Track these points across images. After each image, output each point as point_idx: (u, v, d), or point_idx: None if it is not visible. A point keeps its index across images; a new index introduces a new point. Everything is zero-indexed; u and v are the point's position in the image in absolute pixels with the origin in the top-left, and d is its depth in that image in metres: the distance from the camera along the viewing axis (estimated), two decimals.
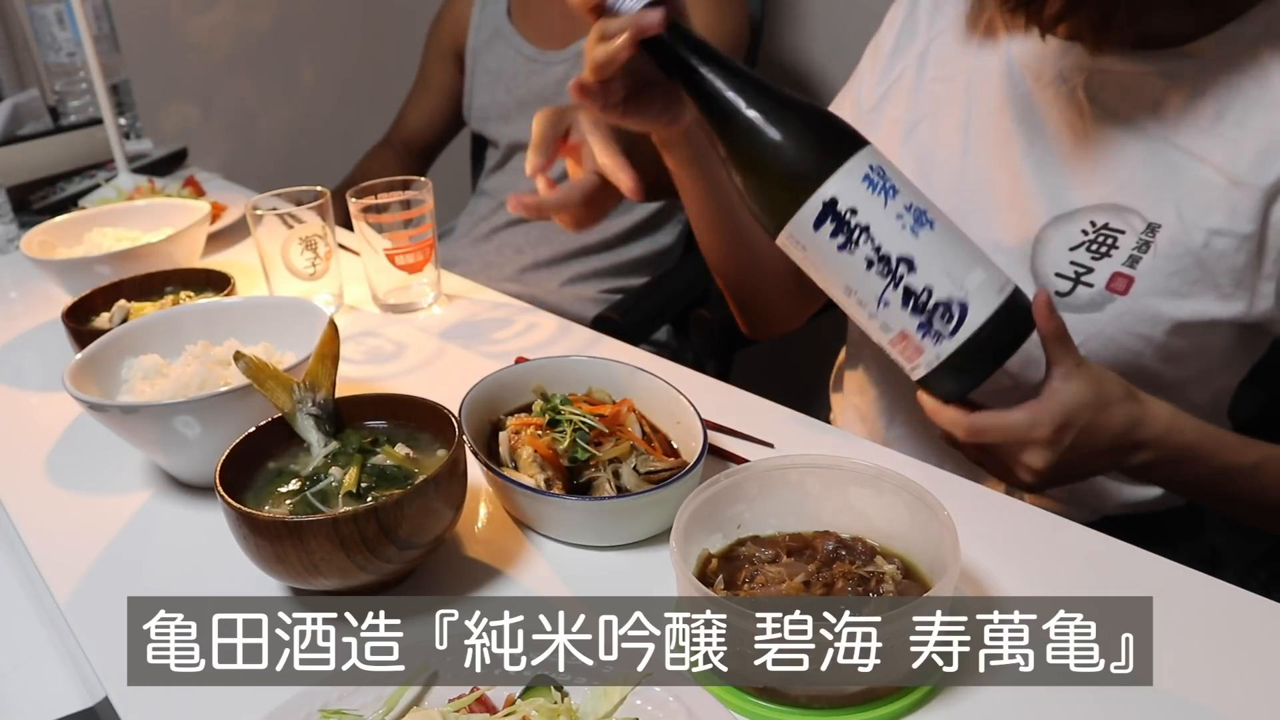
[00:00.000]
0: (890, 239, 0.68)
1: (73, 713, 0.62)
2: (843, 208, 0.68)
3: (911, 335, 0.70)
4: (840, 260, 0.69)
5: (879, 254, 0.68)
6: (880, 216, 0.68)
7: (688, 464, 0.70)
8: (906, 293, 0.68)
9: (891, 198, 0.68)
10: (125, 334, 0.87)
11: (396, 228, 1.08)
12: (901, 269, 0.68)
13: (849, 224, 0.68)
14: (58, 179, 1.60)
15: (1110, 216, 0.80)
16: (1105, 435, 0.73)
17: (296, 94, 2.39)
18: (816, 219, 0.69)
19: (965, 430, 0.73)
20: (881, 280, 0.69)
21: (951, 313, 0.68)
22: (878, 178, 0.68)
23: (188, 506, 0.78)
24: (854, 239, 0.68)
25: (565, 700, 0.53)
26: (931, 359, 0.70)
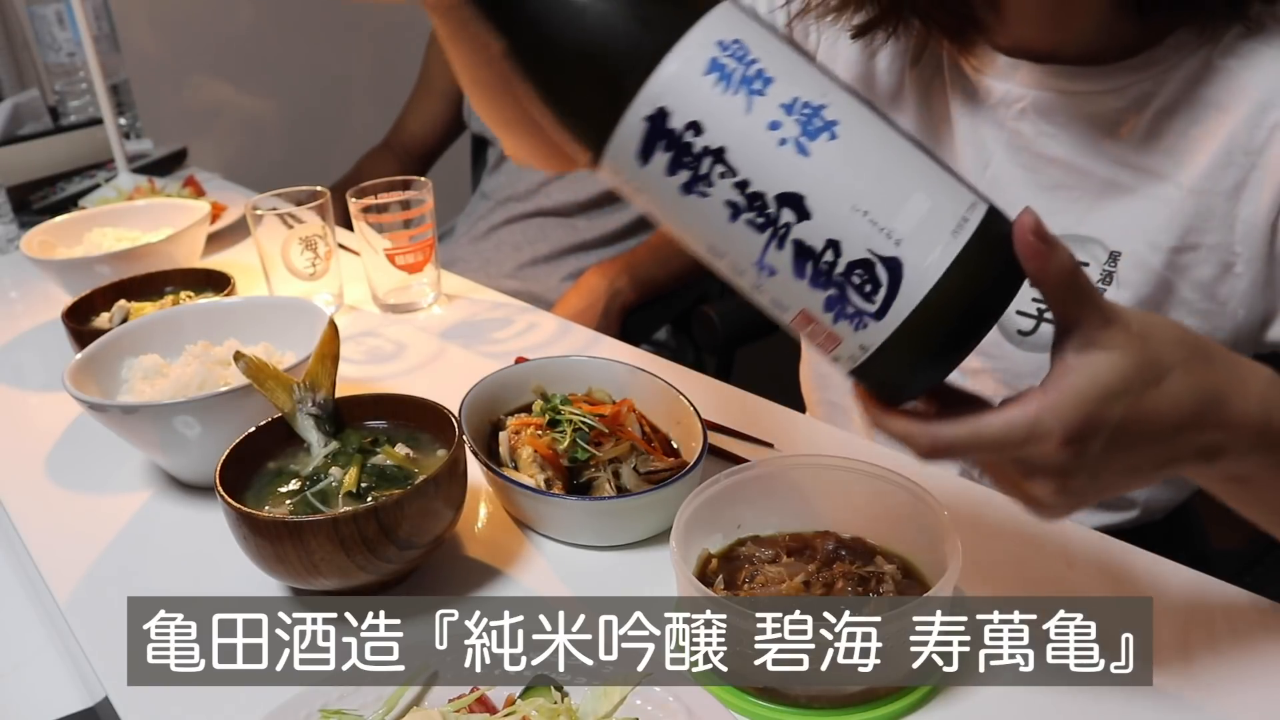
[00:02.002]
0: (764, 165, 0.43)
1: (73, 713, 0.62)
2: (678, 122, 0.43)
3: (818, 317, 0.46)
4: (690, 207, 0.45)
5: (746, 193, 0.44)
6: (742, 129, 0.43)
7: (688, 464, 0.70)
8: (799, 251, 0.44)
9: (759, 92, 0.43)
10: (125, 334, 0.87)
11: (396, 228, 1.08)
12: (786, 215, 0.44)
13: (692, 148, 0.44)
14: (58, 179, 1.60)
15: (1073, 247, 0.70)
16: (1159, 427, 0.47)
17: (296, 94, 2.39)
18: (641, 145, 0.44)
19: (926, 449, 0.48)
20: (757, 235, 0.44)
21: (875, 278, 0.44)
22: (737, 61, 0.43)
23: (188, 506, 0.78)
24: (704, 173, 0.44)
25: (565, 700, 0.53)
26: (854, 350, 0.46)
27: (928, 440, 0.48)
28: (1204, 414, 0.47)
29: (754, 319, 1.45)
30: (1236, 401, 0.48)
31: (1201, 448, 0.48)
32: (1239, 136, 0.70)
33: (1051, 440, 0.45)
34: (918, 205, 0.44)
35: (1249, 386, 0.49)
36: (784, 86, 0.44)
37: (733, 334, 1.41)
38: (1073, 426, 0.45)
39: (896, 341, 0.44)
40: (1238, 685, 0.56)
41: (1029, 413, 0.46)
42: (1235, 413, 0.48)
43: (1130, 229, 0.73)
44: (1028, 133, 0.76)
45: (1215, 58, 0.71)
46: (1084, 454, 0.46)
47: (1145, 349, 0.46)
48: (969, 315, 0.45)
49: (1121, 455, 0.47)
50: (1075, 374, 0.46)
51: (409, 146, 1.83)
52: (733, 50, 0.44)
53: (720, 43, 0.44)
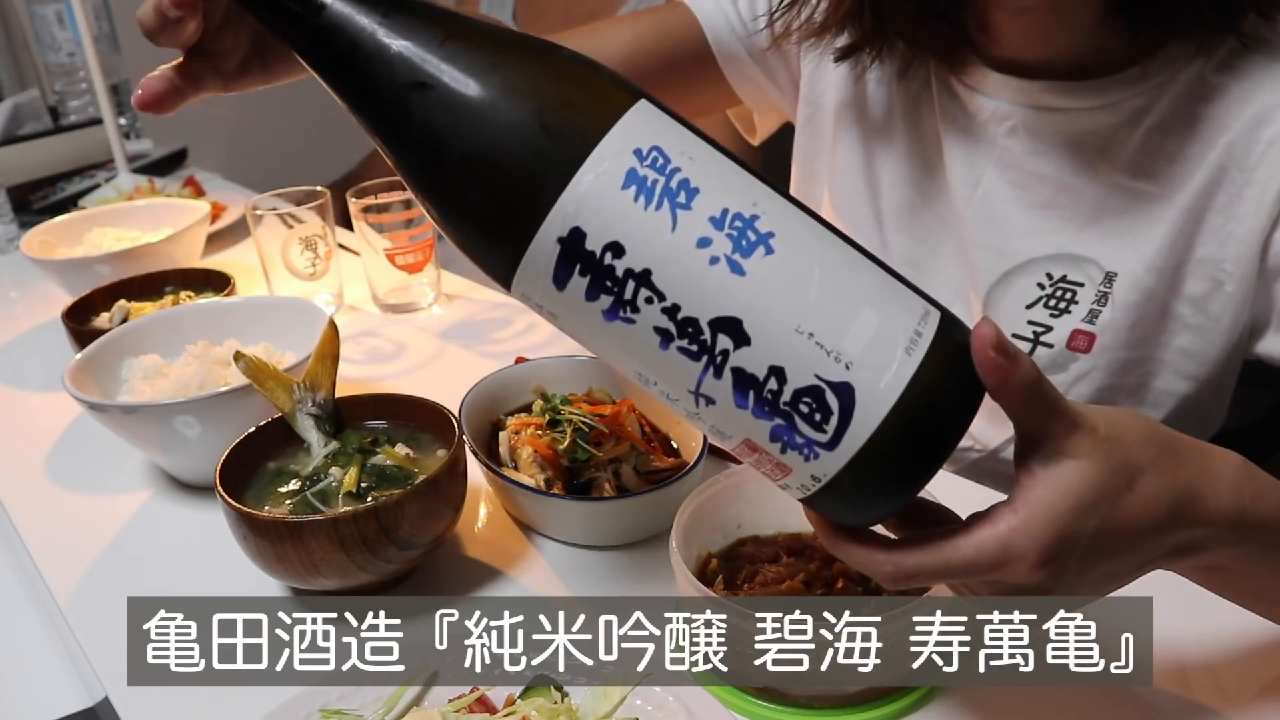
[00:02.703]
0: (693, 288, 0.39)
1: (73, 713, 0.62)
2: (595, 244, 0.38)
3: (764, 447, 0.41)
4: (615, 335, 0.40)
5: (677, 319, 0.39)
6: (668, 248, 0.38)
7: (688, 464, 0.70)
8: (739, 380, 0.39)
9: (685, 205, 0.38)
10: (125, 334, 0.87)
11: (397, 228, 1.08)
12: (723, 341, 0.39)
13: (613, 272, 0.39)
14: (58, 179, 1.60)
15: (1068, 268, 0.73)
16: (1134, 531, 0.44)
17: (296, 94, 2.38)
18: (555, 270, 0.39)
19: (889, 577, 0.44)
20: (692, 363, 0.40)
21: (826, 405, 0.39)
22: (653, 172, 0.38)
23: (188, 506, 0.78)
24: (628, 298, 0.39)
25: (565, 700, 0.53)
26: (805, 480, 0.42)
27: (892, 569, 0.44)
28: (1178, 514, 0.45)
29: None
30: (1209, 498, 0.46)
31: (1177, 546, 0.46)
32: (1233, 153, 0.69)
33: (1025, 562, 0.42)
34: (867, 322, 0.39)
35: (1220, 479, 0.47)
36: (711, 198, 0.39)
37: None
38: (1047, 546, 0.42)
39: (852, 471, 0.40)
40: (1238, 685, 0.56)
41: (999, 534, 0.42)
42: (1209, 509, 0.46)
43: (1125, 249, 0.72)
44: (1018, 150, 0.75)
45: (1209, 73, 0.70)
46: (1060, 573, 0.43)
47: (1114, 453, 0.43)
48: (929, 439, 0.41)
49: (1098, 566, 0.45)
50: (1045, 488, 0.42)
51: None
52: (651, 159, 0.39)
53: (638, 151, 0.39)
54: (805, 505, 0.45)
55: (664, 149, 0.39)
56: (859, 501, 0.43)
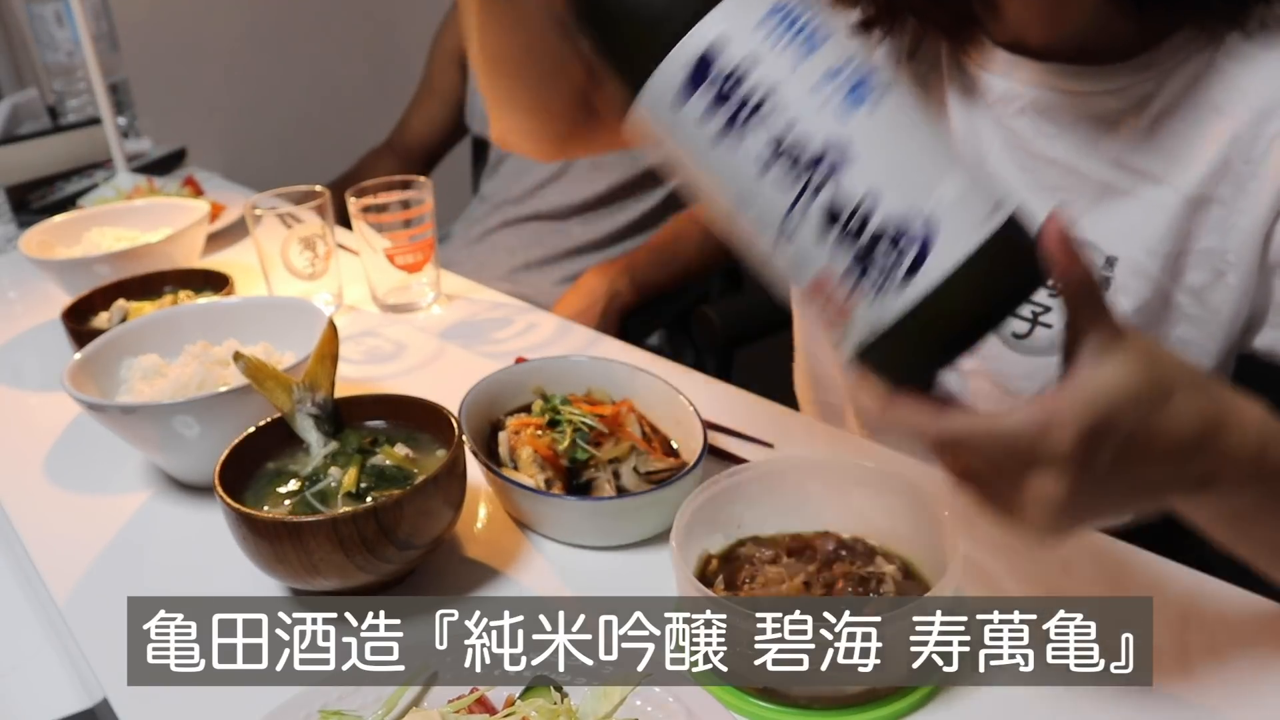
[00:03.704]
0: (803, 121, 0.42)
1: (72, 713, 0.62)
2: (724, 66, 0.43)
3: (836, 281, 0.44)
4: (721, 155, 0.44)
5: (782, 145, 0.43)
6: (788, 83, 0.43)
7: (688, 464, 0.70)
8: (828, 212, 0.43)
9: (814, 50, 0.43)
10: (124, 334, 0.87)
11: (396, 227, 1.08)
12: (820, 172, 0.43)
13: (733, 95, 0.43)
14: (56, 179, 1.60)
15: None
16: (1163, 446, 0.47)
17: (296, 93, 2.39)
18: (683, 85, 0.44)
19: (932, 441, 0.47)
20: (787, 191, 0.43)
21: (906, 243, 0.42)
22: (787, 19, 0.43)
23: (187, 506, 0.78)
24: (742, 121, 0.43)
25: (565, 701, 0.53)
26: (871, 321, 0.44)
27: (936, 430, 0.45)
28: (1205, 440, 0.47)
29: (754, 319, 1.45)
30: (1235, 431, 0.48)
31: (1199, 476, 0.48)
32: (1239, 144, 0.69)
33: (1065, 437, 0.44)
34: (952, 187, 0.43)
35: (1247, 418, 0.49)
36: (833, 51, 0.43)
37: (733, 334, 1.41)
38: (1087, 424, 0.44)
39: (913, 318, 0.43)
40: (1238, 685, 0.56)
41: (1046, 407, 0.45)
42: (1233, 442, 0.48)
43: (1128, 234, 0.73)
44: (1025, 132, 0.75)
45: (1217, 60, 0.70)
46: (1095, 457, 0.45)
47: (1156, 365, 0.46)
48: (987, 303, 0.44)
49: (1127, 470, 0.46)
50: (1092, 376, 0.45)
51: (411, 147, 1.83)
52: (789, 8, 0.43)
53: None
54: (858, 363, 0.46)
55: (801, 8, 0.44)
56: (911, 352, 0.44)
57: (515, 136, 0.87)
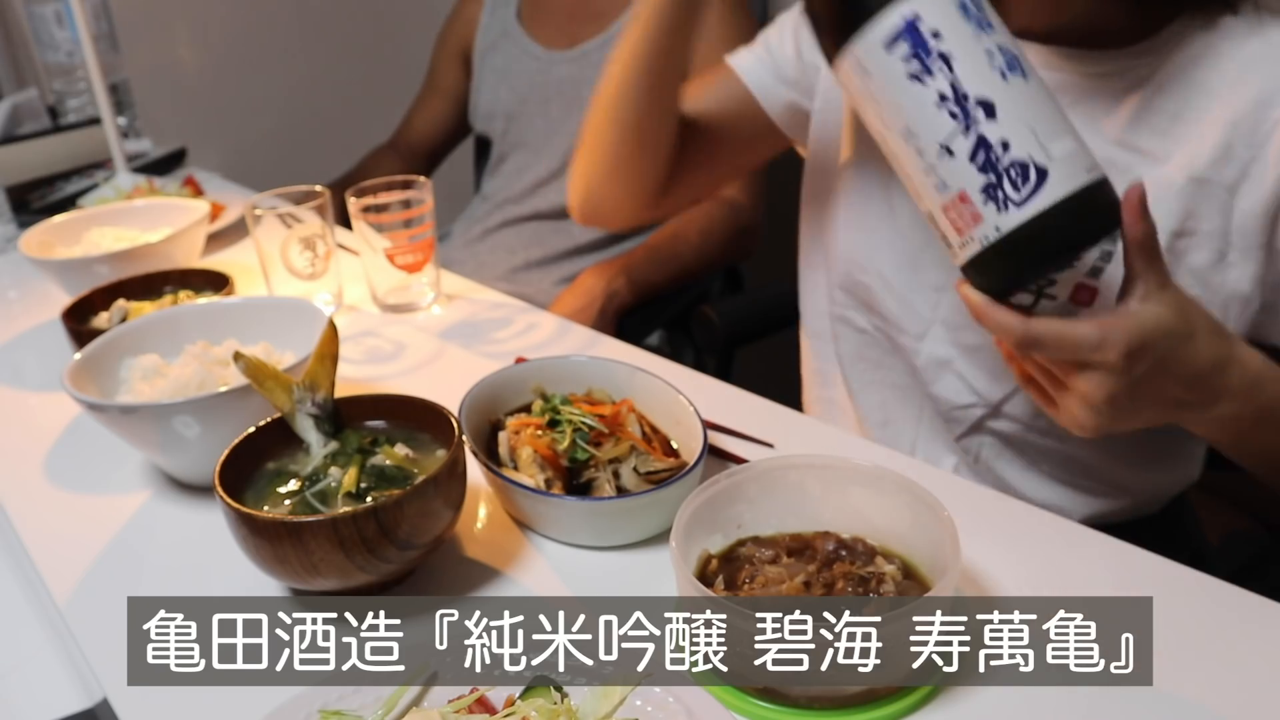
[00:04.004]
0: (973, 76, 0.59)
1: (72, 713, 0.62)
2: (925, 28, 0.59)
3: (972, 197, 0.60)
4: (908, 92, 0.60)
5: (956, 91, 0.59)
6: (968, 47, 0.59)
7: (688, 464, 0.70)
8: (979, 142, 0.59)
9: (986, 31, 0.60)
10: (124, 334, 0.87)
11: (396, 227, 1.08)
12: (979, 112, 0.59)
13: (929, 48, 0.59)
14: (56, 179, 1.60)
15: None
16: (1184, 372, 0.64)
17: (296, 93, 2.39)
18: (891, 37, 0.60)
19: (1019, 338, 0.62)
20: (952, 122, 0.60)
21: (1028, 176, 0.58)
22: (974, 6, 0.60)
23: (187, 507, 0.78)
24: (930, 67, 0.59)
25: (565, 700, 0.53)
26: (989, 231, 0.60)
27: (1022, 329, 0.62)
28: (1215, 370, 0.64)
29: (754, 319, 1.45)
30: (1237, 366, 0.65)
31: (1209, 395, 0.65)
32: (1241, 128, 0.71)
33: (1115, 349, 0.61)
34: (1068, 143, 0.60)
35: (1247, 358, 0.66)
36: (1001, 35, 0.60)
37: (733, 334, 1.41)
38: (1133, 343, 0.61)
39: (1026, 230, 0.59)
40: (1238, 685, 0.56)
41: (1105, 325, 0.61)
42: (1235, 374, 0.65)
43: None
44: None
45: (1216, 43, 0.73)
46: (1133, 368, 0.61)
47: (1186, 311, 0.63)
48: (1075, 233, 0.61)
49: (1157, 382, 0.63)
50: (1140, 314, 0.62)
51: (414, 146, 1.83)
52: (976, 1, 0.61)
53: None
54: (968, 267, 0.63)
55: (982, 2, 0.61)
56: (1015, 260, 0.61)
57: (609, 205, 1.01)
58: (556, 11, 1.60)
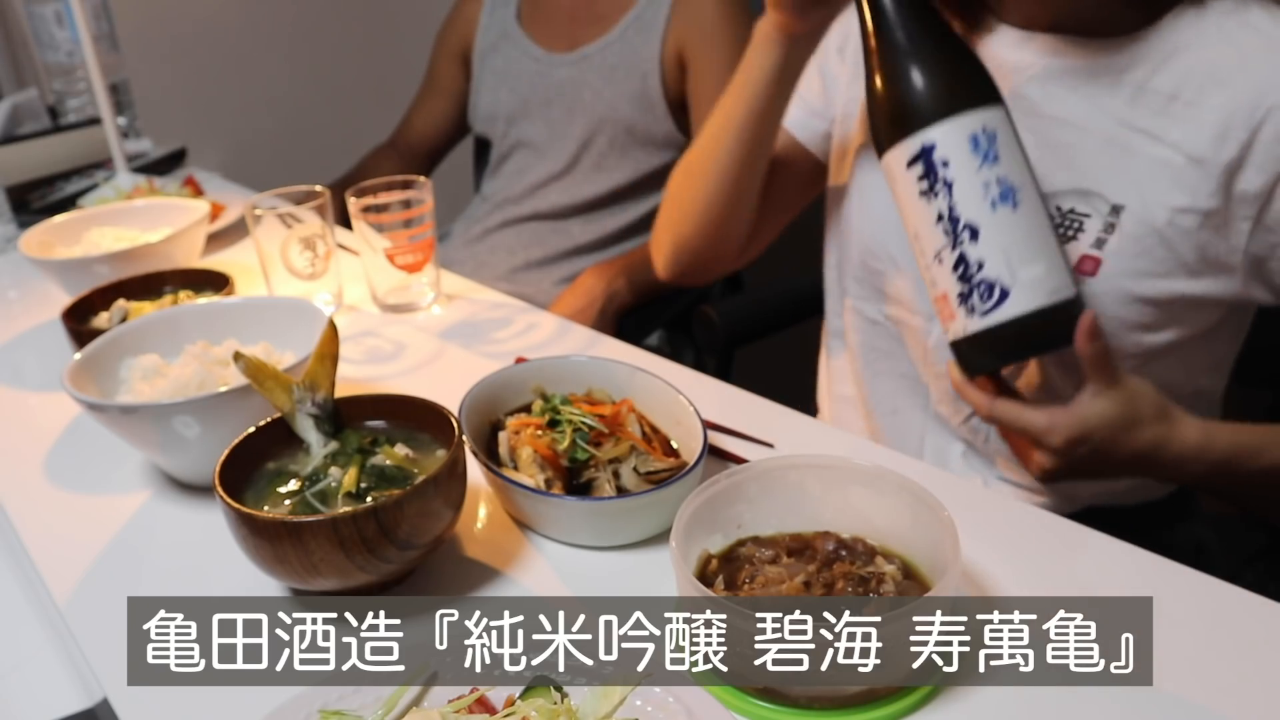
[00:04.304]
0: (967, 203, 0.69)
1: (72, 713, 0.62)
2: (937, 157, 0.69)
3: (950, 299, 0.72)
4: (917, 204, 0.72)
5: (951, 213, 0.70)
6: (967, 178, 0.69)
7: (688, 464, 0.70)
8: (961, 258, 0.70)
9: (989, 164, 0.69)
10: (124, 334, 0.87)
11: (396, 227, 1.08)
12: (966, 234, 0.70)
13: (937, 174, 0.70)
14: (56, 179, 1.60)
15: (1076, 201, 0.81)
16: (1125, 453, 0.75)
17: (296, 93, 2.39)
18: (911, 158, 0.71)
19: (984, 413, 0.77)
20: (944, 238, 0.71)
21: (993, 293, 0.70)
22: (985, 141, 0.69)
23: (187, 506, 0.78)
24: (935, 189, 0.70)
25: (565, 700, 0.53)
26: (959, 329, 0.73)
27: (986, 409, 0.77)
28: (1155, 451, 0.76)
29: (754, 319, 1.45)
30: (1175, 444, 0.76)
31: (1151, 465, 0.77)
32: (1238, 115, 0.75)
33: (1059, 436, 0.75)
34: (1038, 269, 0.70)
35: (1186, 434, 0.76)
36: (1003, 168, 0.70)
37: (733, 334, 1.41)
38: (1073, 434, 0.74)
39: (986, 334, 0.72)
40: (1238, 685, 0.56)
41: (1053, 416, 0.75)
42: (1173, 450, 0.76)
43: (1131, 184, 0.79)
44: (1035, 96, 0.83)
45: (1208, 31, 0.77)
46: (1073, 452, 0.75)
47: (1133, 403, 0.75)
48: (1029, 342, 0.73)
49: (1096, 462, 0.76)
50: (1083, 410, 0.74)
51: (414, 145, 1.83)
52: (988, 134, 0.70)
53: (983, 126, 0.70)
54: (952, 347, 0.77)
55: (997, 135, 0.70)
56: (981, 354, 0.74)
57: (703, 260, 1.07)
58: (556, 13, 1.60)
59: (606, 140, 1.54)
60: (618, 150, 1.55)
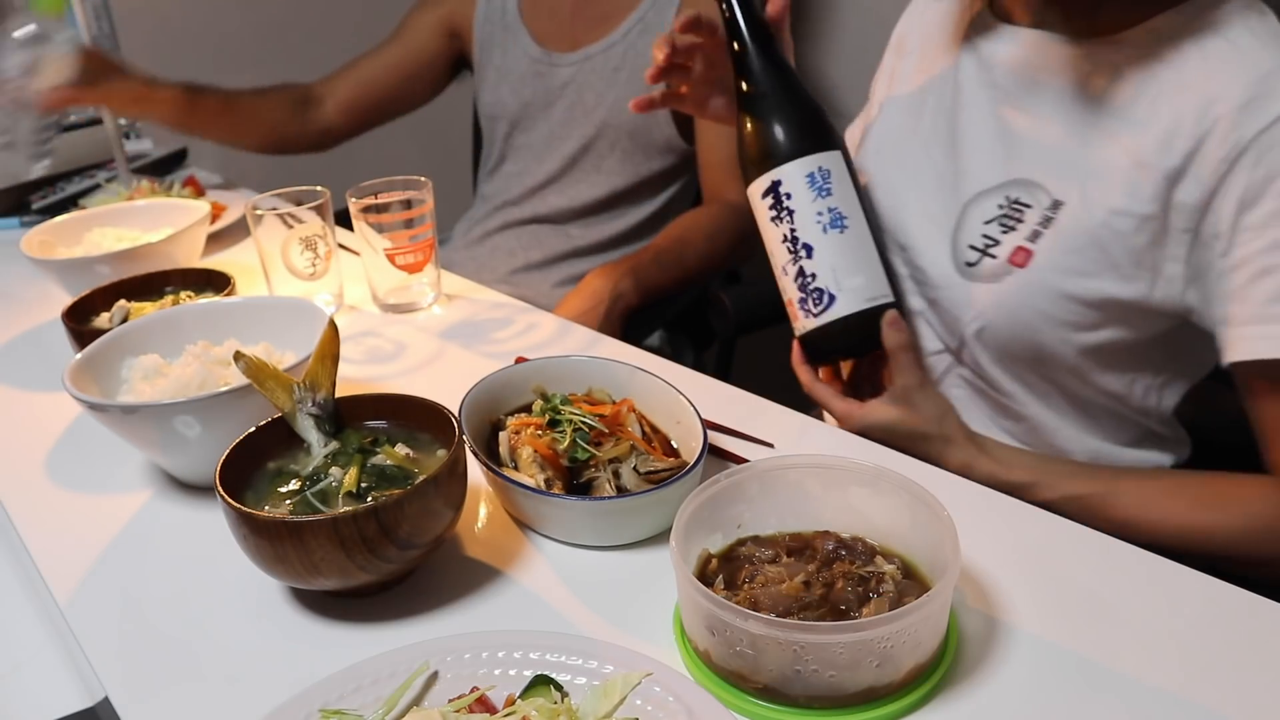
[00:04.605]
0: (805, 228, 0.86)
1: (73, 713, 0.62)
2: (783, 190, 0.86)
3: (794, 304, 0.89)
4: (770, 227, 0.88)
5: (792, 235, 0.86)
6: (806, 209, 0.85)
7: (688, 464, 0.70)
8: (800, 271, 0.87)
9: (822, 197, 0.85)
10: (125, 334, 0.87)
11: (397, 228, 1.08)
12: (802, 252, 0.86)
13: (782, 203, 0.86)
14: (58, 179, 1.60)
15: (1021, 191, 0.85)
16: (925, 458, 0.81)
17: None
18: (765, 190, 0.87)
19: (805, 388, 0.92)
20: (788, 254, 0.87)
21: (822, 299, 0.86)
22: (821, 179, 0.85)
23: (188, 506, 0.78)
24: (781, 216, 0.86)
25: (565, 700, 0.53)
26: (800, 328, 0.89)
27: (808, 387, 0.91)
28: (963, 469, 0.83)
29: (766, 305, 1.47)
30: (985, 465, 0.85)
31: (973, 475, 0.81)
32: (1185, 122, 0.76)
33: (849, 425, 0.88)
34: (859, 280, 0.86)
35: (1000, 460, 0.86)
36: (835, 200, 0.86)
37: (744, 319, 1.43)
38: (860, 429, 0.87)
39: (818, 332, 0.88)
40: (1238, 685, 0.56)
41: (850, 409, 0.88)
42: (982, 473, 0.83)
43: (1075, 182, 0.82)
44: (1008, 86, 0.88)
45: (1188, 37, 0.78)
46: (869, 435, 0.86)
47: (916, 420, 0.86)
48: (851, 341, 0.88)
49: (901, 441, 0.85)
50: (874, 412, 0.86)
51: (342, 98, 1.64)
52: (824, 174, 0.86)
53: (820, 167, 0.86)
54: (798, 341, 0.91)
55: (831, 173, 0.86)
56: (817, 347, 0.90)
57: None
58: (559, 9, 1.59)
59: (607, 144, 1.54)
60: (618, 154, 1.54)
